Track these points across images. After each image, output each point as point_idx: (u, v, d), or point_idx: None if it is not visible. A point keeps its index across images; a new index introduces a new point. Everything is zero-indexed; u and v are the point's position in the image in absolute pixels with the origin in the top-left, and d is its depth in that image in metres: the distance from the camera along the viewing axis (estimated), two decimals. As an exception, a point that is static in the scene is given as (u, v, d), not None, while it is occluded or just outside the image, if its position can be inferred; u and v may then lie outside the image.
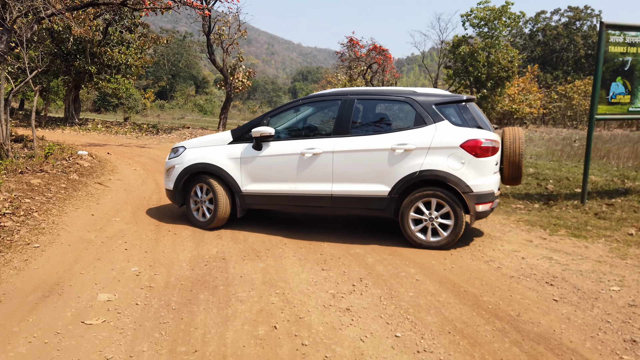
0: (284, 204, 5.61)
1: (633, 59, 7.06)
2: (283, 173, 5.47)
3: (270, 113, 5.69)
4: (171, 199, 6.10)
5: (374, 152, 5.16)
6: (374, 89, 5.61)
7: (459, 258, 4.86)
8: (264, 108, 71.20)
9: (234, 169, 5.63)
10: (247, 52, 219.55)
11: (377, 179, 5.17)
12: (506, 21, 33.76)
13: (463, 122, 5.10)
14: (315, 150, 5.31)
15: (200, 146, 5.93)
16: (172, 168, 6.03)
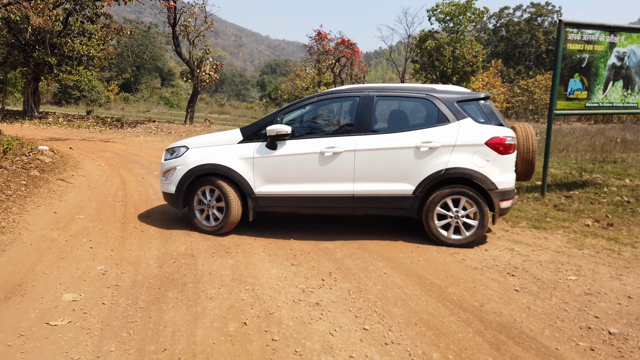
0: (300, 206, 5.33)
1: (590, 56, 7.34)
2: (301, 173, 5.20)
3: (283, 110, 5.39)
4: (172, 202, 5.68)
5: (398, 150, 5.06)
6: (392, 86, 5.47)
7: (425, 251, 4.98)
8: (232, 101, 70.31)
9: (246, 169, 5.29)
10: (214, 44, 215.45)
11: (401, 178, 5.08)
12: (471, 16, 34.39)
13: (485, 120, 5.14)
14: (336, 149, 5.10)
15: (205, 146, 5.54)
16: (172, 170, 5.61)
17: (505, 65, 47.47)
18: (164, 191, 5.77)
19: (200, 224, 5.49)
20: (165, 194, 5.74)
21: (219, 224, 5.37)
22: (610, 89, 7.58)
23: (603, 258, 4.89)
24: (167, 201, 5.79)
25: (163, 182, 5.75)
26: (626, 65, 7.60)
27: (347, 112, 5.48)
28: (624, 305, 3.73)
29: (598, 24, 7.30)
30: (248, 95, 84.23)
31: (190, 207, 5.56)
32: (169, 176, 5.65)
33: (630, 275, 4.42)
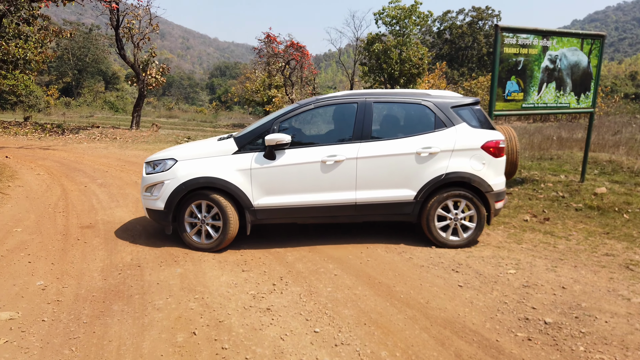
0: (302, 216, 5.15)
1: (525, 59, 7.74)
2: (302, 183, 5.04)
3: (278, 118, 5.17)
4: (159, 220, 5.20)
5: (399, 157, 5.09)
6: (388, 92, 5.44)
7: (374, 251, 5.08)
8: (180, 105, 68.75)
9: (243, 181, 5.01)
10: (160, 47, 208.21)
11: (403, 184, 5.12)
12: (416, 20, 35.31)
13: (478, 124, 5.30)
14: (337, 157, 5.02)
15: (196, 157, 5.15)
16: (158, 184, 5.15)
17: (449, 68, 49.10)
18: (149, 208, 5.25)
19: (194, 241, 5.12)
20: (151, 210, 5.23)
21: (217, 240, 5.05)
22: (544, 90, 8.02)
23: (540, 251, 5.18)
24: (154, 218, 5.31)
25: (147, 198, 5.24)
26: (558, 67, 8.06)
27: (346, 119, 5.30)
28: (559, 296, 3.96)
29: (532, 29, 7.71)
30: (197, 98, 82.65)
31: (180, 224, 5.15)
32: (155, 191, 5.17)
33: (564, 266, 4.69)
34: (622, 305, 3.79)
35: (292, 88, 34.66)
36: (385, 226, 6.06)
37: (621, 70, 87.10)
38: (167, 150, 5.56)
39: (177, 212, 5.14)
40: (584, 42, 8.21)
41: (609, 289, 4.13)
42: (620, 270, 4.62)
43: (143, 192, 5.35)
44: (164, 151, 5.57)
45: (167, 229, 5.23)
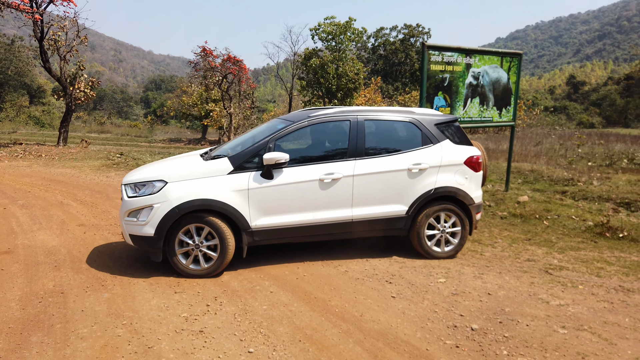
0: (299, 236, 5.07)
1: (450, 76, 8.15)
2: (300, 202, 4.98)
3: (274, 136, 5.02)
4: (148, 247, 4.79)
5: (392, 173, 5.21)
6: (376, 109, 5.55)
7: (311, 266, 5.11)
8: (113, 119, 66.04)
9: (240, 202, 4.82)
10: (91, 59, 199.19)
11: (396, 199, 5.24)
12: (351, 36, 36.20)
13: (459, 140, 5.57)
14: (335, 175, 5.03)
15: (189, 178, 4.83)
16: (146, 208, 4.75)
17: (384, 82, 50.66)
18: (134, 234, 4.82)
19: (187, 268, 4.80)
20: (137, 237, 4.81)
21: (214, 265, 4.80)
22: (469, 105, 8.47)
23: (468, 259, 5.42)
24: (140, 246, 4.86)
25: (132, 224, 4.81)
26: (481, 83, 8.55)
27: (340, 136, 5.31)
28: (484, 302, 4.16)
29: (456, 47, 8.15)
30: (131, 112, 79.77)
31: (171, 250, 4.79)
32: (141, 216, 4.76)
33: (490, 273, 4.94)
34: (541, 309, 4.04)
35: (230, 102, 34.32)
36: (322, 241, 6.10)
37: (541, 85, 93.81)
38: (149, 171, 5.09)
39: (168, 238, 4.80)
40: (503, 60, 8.77)
41: (530, 294, 4.39)
42: (540, 275, 4.93)
43: (125, 217, 4.86)
44: (145, 171, 5.10)
45: (157, 256, 4.82)
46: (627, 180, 12.34)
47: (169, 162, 5.51)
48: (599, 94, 61.16)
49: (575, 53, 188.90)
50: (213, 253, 4.81)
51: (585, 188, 10.65)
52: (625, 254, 5.79)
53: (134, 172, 5.27)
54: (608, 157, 18.73)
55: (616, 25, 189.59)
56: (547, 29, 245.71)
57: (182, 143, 40.33)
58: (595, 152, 19.97)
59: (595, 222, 6.95)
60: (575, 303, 4.17)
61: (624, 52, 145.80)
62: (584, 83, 70.08)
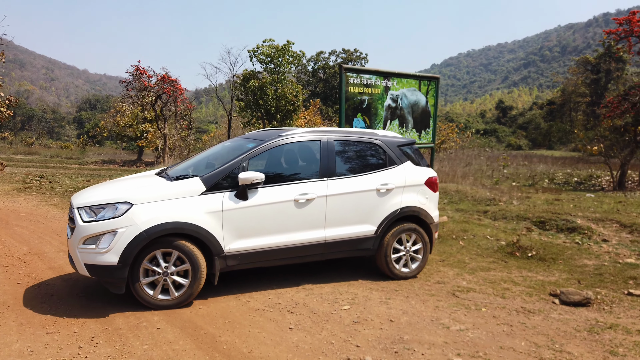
0: (273, 259, 4.86)
1: (369, 98, 8.17)
2: (275, 223, 4.78)
3: (247, 155, 4.79)
4: (110, 277, 4.27)
5: (362, 193, 5.21)
6: (342, 130, 5.55)
7: (212, 296, 4.75)
8: (42, 140, 62.46)
9: (214, 225, 4.51)
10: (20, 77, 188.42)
11: (365, 220, 5.24)
12: (289, 59, 36.44)
13: (419, 162, 5.76)
14: (309, 196, 4.91)
15: (157, 200, 4.41)
16: (107, 234, 4.26)
17: (324, 105, 51.28)
18: (92, 263, 4.28)
19: (155, 299, 4.37)
20: (97, 266, 4.27)
21: (185, 294, 4.42)
22: (388, 127, 8.51)
23: (378, 283, 5.27)
24: (99, 276, 4.33)
25: (89, 252, 4.29)
26: (400, 106, 8.64)
27: (311, 156, 5.23)
28: (385, 330, 3.99)
29: (374, 70, 8.19)
30: (63, 133, 75.88)
31: (134, 280, 4.34)
32: (102, 243, 4.26)
33: (398, 297, 4.81)
34: (440, 335, 3.92)
35: (164, 123, 33.34)
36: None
37: (473, 109, 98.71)
38: (107, 192, 4.59)
39: (132, 266, 4.35)
40: (421, 83, 8.93)
41: (432, 319, 4.27)
42: (446, 298, 4.85)
43: (80, 245, 4.32)
44: (102, 192, 4.61)
45: (119, 287, 4.34)
46: (545, 199, 12.92)
47: (127, 182, 5.01)
48: (525, 117, 64.99)
49: (504, 79, 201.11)
50: (183, 280, 4.44)
51: (505, 208, 11.00)
52: (532, 273, 5.87)
53: (86, 193, 4.72)
54: (531, 177, 19.70)
55: (539, 54, 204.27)
56: (477, 57, 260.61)
57: (116, 165, 38.51)
58: (520, 173, 20.96)
59: (507, 242, 7.08)
60: (476, 327, 4.09)
61: (547, 79, 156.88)
62: (512, 108, 74.29)
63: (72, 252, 4.43)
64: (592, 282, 5.61)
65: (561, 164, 25.41)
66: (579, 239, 7.72)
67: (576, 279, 5.72)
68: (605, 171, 18.38)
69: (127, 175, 5.97)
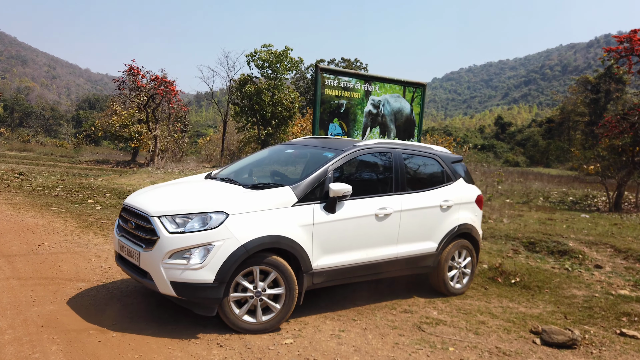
0: (353, 276, 4.58)
1: (347, 102, 7.54)
2: (358, 239, 4.52)
3: (330, 164, 4.43)
4: (203, 297, 3.74)
5: (428, 210, 5.09)
6: (404, 143, 5.41)
7: (133, 326, 4.07)
8: (39, 137, 61.86)
9: (305, 239, 4.13)
10: (21, 74, 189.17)
11: (429, 236, 5.12)
12: (287, 65, 36.00)
13: (468, 179, 5.69)
14: (387, 210, 4.67)
15: (253, 210, 3.94)
16: (200, 247, 3.70)
17: (321, 113, 50.77)
18: (182, 281, 3.69)
19: (240, 320, 3.87)
20: (187, 285, 3.69)
21: (278, 316, 3.99)
22: (368, 135, 7.88)
23: (337, 310, 4.60)
24: (190, 296, 3.74)
25: (178, 268, 3.69)
26: (382, 113, 8.02)
27: (384, 168, 5.00)
28: (327, 373, 3.31)
29: (353, 72, 7.59)
30: (60, 131, 75.45)
31: (223, 299, 3.82)
32: (194, 257, 3.69)
33: (353, 330, 4.14)
34: (393, 382, 3.25)
35: (155, 124, 32.72)
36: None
37: (472, 124, 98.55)
38: (193, 199, 4.09)
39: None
40: (406, 90, 8.31)
41: (388, 359, 3.60)
42: (410, 332, 4.18)
43: (164, 260, 3.70)
44: (183, 199, 4.13)
45: (210, 309, 3.82)
46: (537, 218, 12.28)
47: (204, 187, 4.55)
48: (524, 134, 64.62)
49: (504, 96, 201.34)
50: (273, 303, 4.00)
51: (494, 226, 10.36)
52: (514, 304, 5.21)
53: (163, 200, 4.14)
54: (525, 194, 19.09)
55: (540, 72, 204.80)
56: (479, 72, 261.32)
57: (109, 165, 37.93)
58: (514, 190, 20.36)
59: (490, 265, 6.42)
60: (437, 373, 3.42)
61: (547, 97, 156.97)
62: (511, 124, 73.98)
63: (151, 267, 3.78)
64: (581, 317, 4.95)
65: (557, 182, 24.83)
66: (569, 265, 7.07)
67: (563, 312, 5.06)
68: (601, 191, 17.77)
69: (178, 179, 5.30)
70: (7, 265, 5.34)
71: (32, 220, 7.90)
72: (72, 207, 9.43)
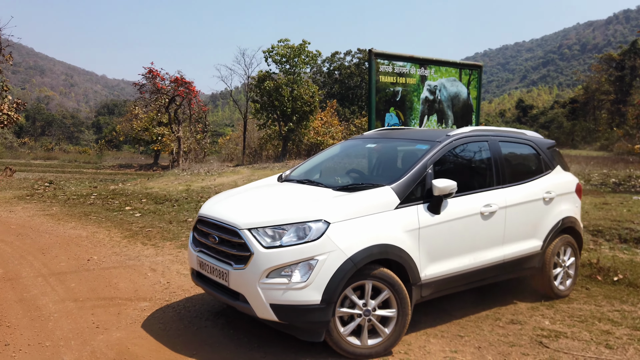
0: (458, 285, 4.04)
1: (403, 89, 6.94)
2: (464, 242, 4.01)
3: (428, 157, 3.88)
4: (309, 321, 3.23)
5: (531, 204, 4.51)
6: (498, 129, 4.76)
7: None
8: (62, 145, 62.58)
9: (412, 247, 3.60)
10: (40, 83, 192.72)
11: (534, 234, 4.56)
12: (305, 59, 35.43)
13: (564, 166, 5.10)
14: (492, 208, 4.14)
15: (353, 216, 3.42)
16: (301, 263, 3.21)
17: (340, 106, 50.09)
18: (283, 303, 3.20)
19: (345, 341, 3.34)
20: (289, 308, 3.20)
21: (389, 339, 3.45)
22: (426, 123, 7.28)
23: (432, 321, 4.03)
24: (292, 320, 3.26)
25: (278, 289, 3.20)
26: (438, 99, 7.40)
27: (482, 160, 4.45)
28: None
29: (408, 56, 6.97)
30: (82, 138, 76.51)
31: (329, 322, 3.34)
32: (296, 275, 3.20)
33: (466, 349, 3.56)
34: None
35: (178, 125, 32.53)
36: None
37: (492, 109, 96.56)
38: (285, 207, 3.61)
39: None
40: (462, 73, 7.68)
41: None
42: (532, 349, 3.58)
43: (261, 280, 3.22)
44: (274, 207, 3.65)
45: (317, 334, 3.30)
46: (591, 203, 11.51)
47: (287, 192, 4.03)
48: (547, 117, 62.97)
49: (522, 79, 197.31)
50: (381, 326, 3.45)
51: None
52: (629, 306, 4.56)
53: (252, 210, 3.62)
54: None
55: (558, 52, 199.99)
56: (495, 56, 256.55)
57: (132, 169, 38.06)
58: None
59: (583, 261, 5.77)
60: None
61: (567, 77, 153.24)
62: (532, 107, 72.28)
63: (246, 288, 3.28)
64: None
65: (594, 164, 23.78)
66: (661, 255, 6.36)
67: (687, 313, 4.41)
68: (648, 171, 16.82)
69: (249, 184, 4.73)
70: (60, 285, 4.91)
71: (74, 232, 7.51)
72: (111, 216, 9.04)
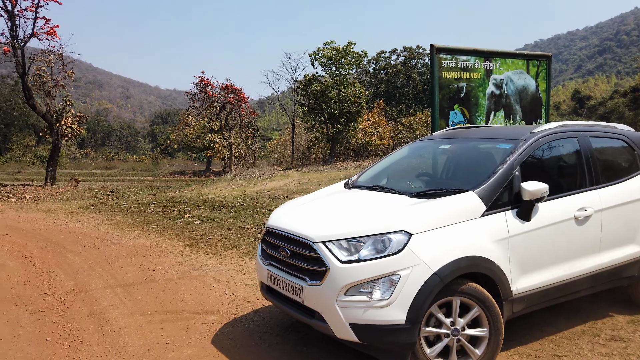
0: (551, 299, 3.69)
1: (467, 85, 6.57)
2: (557, 251, 3.66)
3: (514, 158, 3.57)
4: (393, 342, 2.98)
5: (629, 205, 4.11)
6: (587, 123, 4.42)
7: None
8: (121, 154, 65.52)
9: (502, 258, 3.32)
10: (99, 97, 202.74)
11: (633, 238, 4.15)
12: (351, 60, 35.21)
13: None
14: (587, 212, 3.79)
15: (439, 225, 3.16)
16: (382, 279, 2.96)
17: (387, 105, 49.42)
18: (364, 323, 2.96)
19: None
20: (371, 328, 2.97)
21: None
22: (492, 120, 6.86)
23: (526, 344, 3.68)
24: (374, 341, 3.02)
25: (359, 307, 2.97)
26: (505, 93, 6.96)
27: (573, 158, 4.13)
28: None
29: (471, 49, 6.59)
30: (139, 147, 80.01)
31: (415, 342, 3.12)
32: (377, 292, 2.95)
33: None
34: None
35: (229, 132, 33.13)
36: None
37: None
38: (360, 217, 3.35)
39: None
40: (529, 64, 7.20)
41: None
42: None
43: (339, 297, 3.00)
44: (347, 217, 3.41)
45: (403, 356, 3.01)
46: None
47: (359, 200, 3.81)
48: (606, 107, 59.41)
49: (577, 69, 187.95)
50: (472, 347, 3.16)
51: None
52: None
53: (324, 221, 3.42)
54: None
55: (615, 39, 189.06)
56: (546, 47, 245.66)
57: (186, 175, 39.21)
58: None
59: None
60: None
61: (626, 65, 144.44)
62: (590, 97, 68.50)
63: (323, 306, 3.08)
64: None
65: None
66: None
67: None
68: None
69: (316, 192, 4.45)
70: (128, 297, 4.92)
71: (138, 242, 7.62)
72: (171, 224, 9.15)
